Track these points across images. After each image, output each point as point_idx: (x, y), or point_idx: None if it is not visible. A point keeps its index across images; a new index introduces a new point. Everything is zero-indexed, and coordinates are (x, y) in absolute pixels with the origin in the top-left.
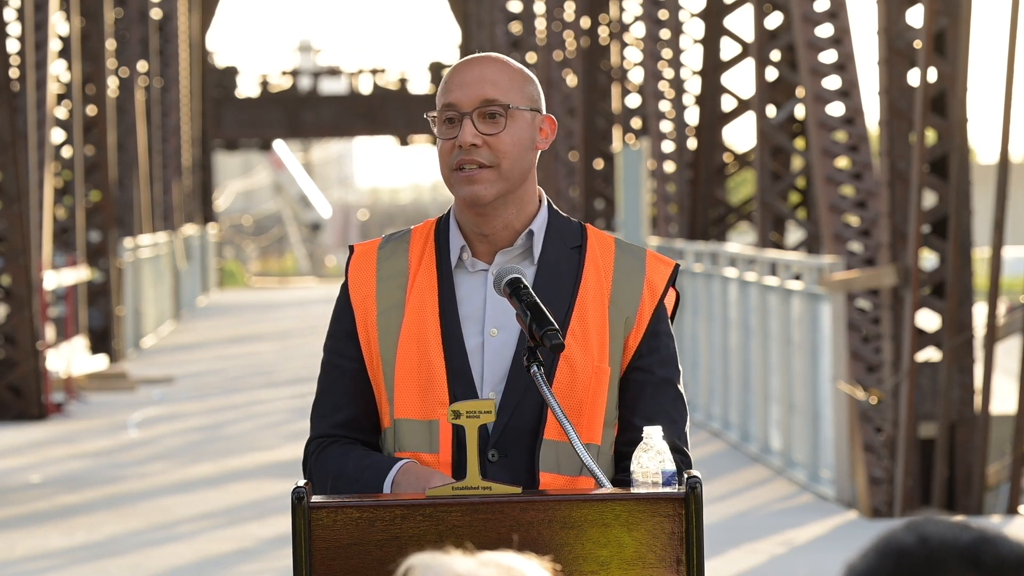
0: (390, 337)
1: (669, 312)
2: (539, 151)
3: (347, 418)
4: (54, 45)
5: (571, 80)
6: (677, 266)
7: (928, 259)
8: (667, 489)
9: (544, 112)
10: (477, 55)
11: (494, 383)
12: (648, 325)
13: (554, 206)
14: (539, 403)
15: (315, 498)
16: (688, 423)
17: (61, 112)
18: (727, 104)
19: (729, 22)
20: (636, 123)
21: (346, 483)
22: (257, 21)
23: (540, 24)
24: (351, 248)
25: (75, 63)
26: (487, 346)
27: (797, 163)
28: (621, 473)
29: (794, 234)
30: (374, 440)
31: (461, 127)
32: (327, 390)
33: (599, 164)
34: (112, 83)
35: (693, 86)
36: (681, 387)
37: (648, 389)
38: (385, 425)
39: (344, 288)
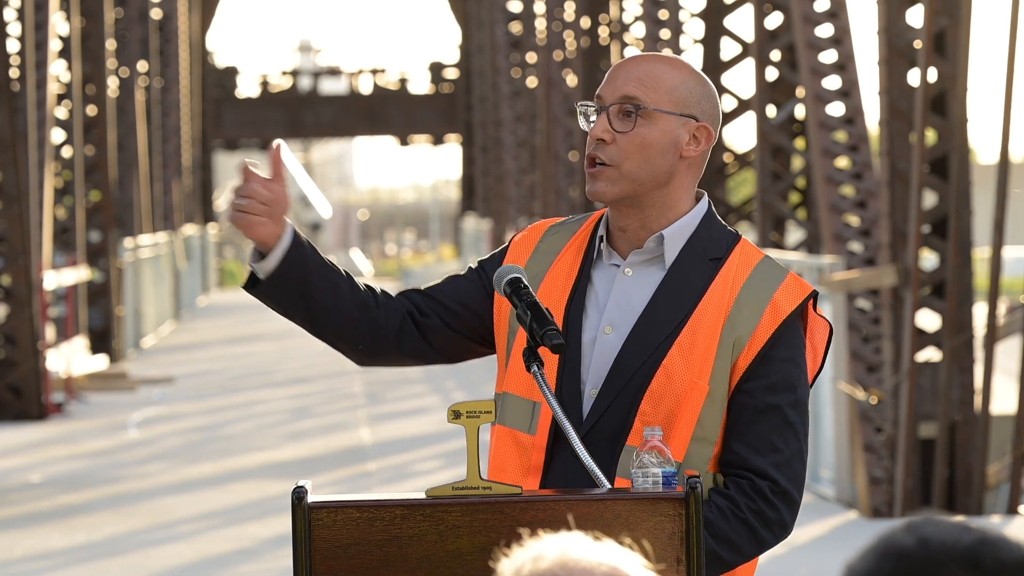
0: None
1: (822, 343)
2: (689, 159)
3: (427, 291)
4: (54, 45)
5: (571, 80)
6: (814, 292)
7: (928, 259)
8: (667, 489)
9: (703, 120)
10: (645, 53)
11: (596, 381)
12: (762, 348)
13: (715, 216)
14: (628, 408)
15: (315, 498)
16: (800, 455)
17: (61, 112)
18: (727, 104)
19: (729, 22)
20: None
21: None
22: (257, 21)
23: (540, 24)
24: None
25: (75, 63)
26: (598, 342)
27: (797, 163)
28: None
29: (794, 234)
30: (410, 304)
31: (598, 119)
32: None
33: None
34: (112, 83)
35: None
36: (796, 416)
37: (748, 413)
38: (497, 390)
39: (508, 242)
